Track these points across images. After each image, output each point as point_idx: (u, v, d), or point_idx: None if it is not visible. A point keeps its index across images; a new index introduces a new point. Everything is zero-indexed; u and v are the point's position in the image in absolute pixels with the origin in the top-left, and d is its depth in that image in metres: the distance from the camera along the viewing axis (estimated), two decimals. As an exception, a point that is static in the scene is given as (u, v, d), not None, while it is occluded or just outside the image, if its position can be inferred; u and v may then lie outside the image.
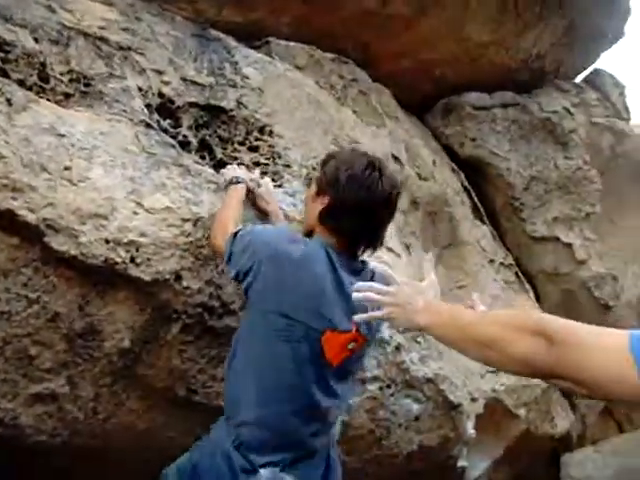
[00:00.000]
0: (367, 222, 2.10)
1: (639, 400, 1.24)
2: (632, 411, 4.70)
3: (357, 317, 1.79)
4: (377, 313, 1.75)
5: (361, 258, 2.15)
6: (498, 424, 3.71)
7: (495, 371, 3.48)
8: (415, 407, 3.04)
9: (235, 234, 2.11)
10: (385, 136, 3.38)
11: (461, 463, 3.46)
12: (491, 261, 3.88)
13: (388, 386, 2.92)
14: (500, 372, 3.54)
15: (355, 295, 1.76)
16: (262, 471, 1.95)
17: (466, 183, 4.06)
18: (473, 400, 3.33)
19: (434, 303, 1.72)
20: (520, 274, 4.14)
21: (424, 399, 3.04)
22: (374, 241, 2.15)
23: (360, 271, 2.11)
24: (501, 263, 3.97)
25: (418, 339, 2.98)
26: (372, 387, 2.87)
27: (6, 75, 2.26)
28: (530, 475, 4.04)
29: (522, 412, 3.71)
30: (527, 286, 4.15)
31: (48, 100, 2.33)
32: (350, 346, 2.04)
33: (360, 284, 1.78)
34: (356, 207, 2.07)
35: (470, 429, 3.30)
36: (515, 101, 4.27)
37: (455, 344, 1.58)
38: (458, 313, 1.64)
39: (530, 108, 4.24)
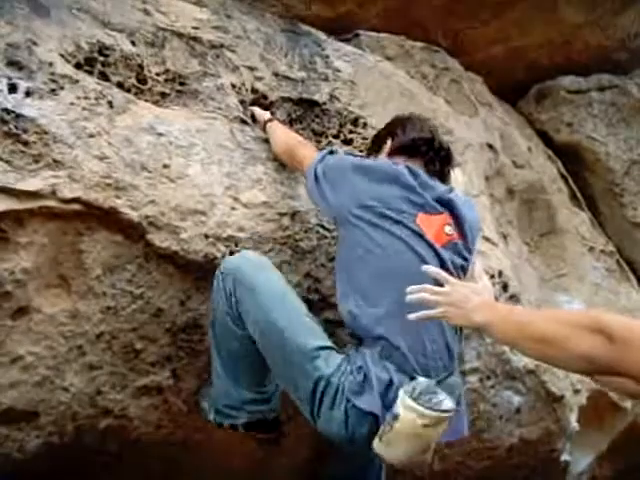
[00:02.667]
0: (428, 158, 2.26)
1: None
2: None
3: (411, 316, 1.77)
4: (432, 312, 1.76)
5: None
6: (602, 417, 3.59)
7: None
8: (516, 399, 2.98)
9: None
10: (479, 124, 3.33)
11: (564, 457, 3.37)
12: (591, 249, 3.76)
13: (488, 377, 2.87)
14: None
15: (409, 297, 1.78)
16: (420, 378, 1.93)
17: (563, 170, 3.94)
18: (576, 392, 3.23)
19: (490, 302, 1.74)
20: (622, 261, 4.00)
21: (525, 391, 2.98)
22: (441, 175, 2.27)
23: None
24: (602, 250, 3.84)
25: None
26: (472, 379, 2.83)
27: (107, 78, 2.33)
28: (638, 471, 3.90)
29: (628, 405, 3.58)
30: (630, 274, 4.01)
31: (146, 101, 2.39)
32: (447, 230, 2.13)
33: (412, 287, 1.79)
34: (415, 139, 2.29)
35: (573, 422, 3.21)
36: (612, 83, 4.11)
37: (513, 342, 1.59)
38: (515, 311, 1.68)
39: (629, 90, 4.07)
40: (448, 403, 1.88)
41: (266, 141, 2.50)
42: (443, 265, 2.06)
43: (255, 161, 2.42)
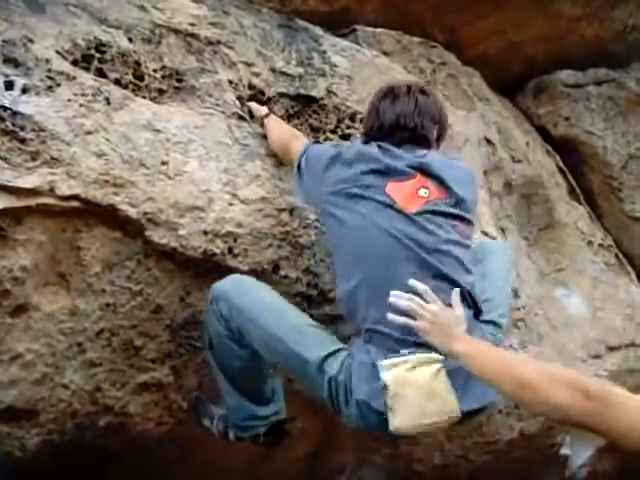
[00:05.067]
0: (404, 126, 2.23)
1: None
2: None
3: (391, 317, 1.80)
4: (413, 322, 1.80)
5: None
6: (602, 411, 3.60)
7: (598, 356, 3.39)
8: (516, 393, 2.98)
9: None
10: (477, 119, 3.32)
11: (564, 451, 3.38)
12: (589, 242, 3.76)
13: (488, 372, 2.87)
14: (603, 357, 3.44)
15: (394, 299, 1.80)
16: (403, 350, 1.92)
17: (561, 164, 3.94)
18: (576, 386, 3.24)
19: (469, 336, 1.79)
20: (620, 255, 4.00)
21: (525, 385, 2.98)
22: (421, 146, 2.23)
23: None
24: (600, 244, 3.84)
25: (518, 324, 2.93)
26: (472, 373, 2.83)
27: (103, 75, 2.33)
28: (638, 465, 3.90)
29: (628, 398, 3.59)
30: (628, 268, 4.01)
31: (143, 97, 2.39)
32: (422, 193, 2.09)
33: (399, 293, 1.80)
34: (389, 113, 2.26)
35: (573, 416, 3.21)
36: (610, 77, 4.11)
37: (491, 377, 1.62)
38: (495, 350, 1.74)
39: (626, 84, 4.06)
40: (432, 353, 1.87)
41: (264, 137, 2.50)
42: (420, 230, 2.04)
43: (253, 157, 2.41)
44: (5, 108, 2.01)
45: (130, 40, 2.43)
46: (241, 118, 2.52)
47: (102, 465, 2.44)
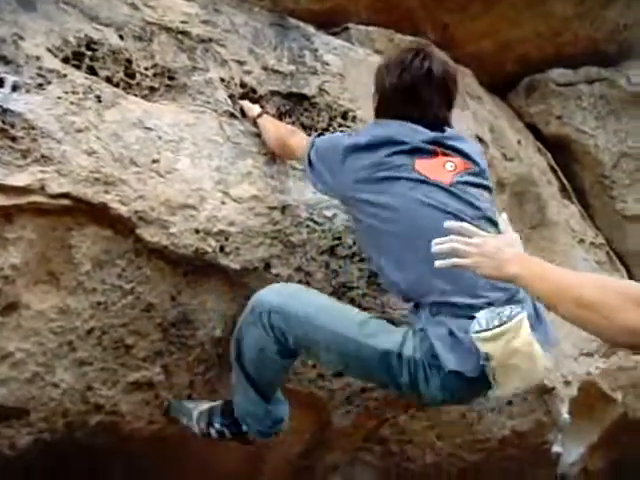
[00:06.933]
0: (417, 102, 2.18)
1: None
2: None
3: (438, 263, 1.76)
4: (461, 261, 1.72)
5: None
6: (593, 408, 3.61)
7: (590, 354, 3.40)
8: (507, 391, 2.99)
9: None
10: (468, 117, 3.32)
11: (556, 449, 3.39)
12: (581, 241, 3.77)
13: (479, 370, 2.88)
14: (595, 355, 3.45)
15: (435, 248, 1.75)
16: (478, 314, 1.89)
17: (552, 162, 3.95)
18: (566, 383, 3.25)
19: (524, 255, 1.68)
20: (612, 254, 4.01)
21: (516, 383, 2.99)
22: (435, 123, 2.20)
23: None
24: (591, 243, 3.86)
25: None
26: (463, 372, 2.84)
27: (94, 73, 2.32)
28: (629, 462, 3.91)
29: (619, 396, 3.60)
30: (619, 266, 4.02)
31: (134, 95, 2.38)
32: (449, 166, 2.11)
33: (440, 239, 1.76)
34: (400, 88, 2.19)
35: (564, 413, 3.22)
36: (601, 76, 4.11)
37: (547, 298, 1.53)
38: (553, 268, 1.60)
39: (618, 82, 4.07)
40: (514, 308, 1.87)
41: (255, 135, 2.49)
42: (458, 200, 2.06)
43: (245, 155, 2.41)
44: (-5, 106, 2.01)
45: (121, 38, 2.42)
46: (232, 116, 2.52)
47: (93, 464, 2.43)
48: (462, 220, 1.94)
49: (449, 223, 1.81)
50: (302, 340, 2.10)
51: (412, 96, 2.19)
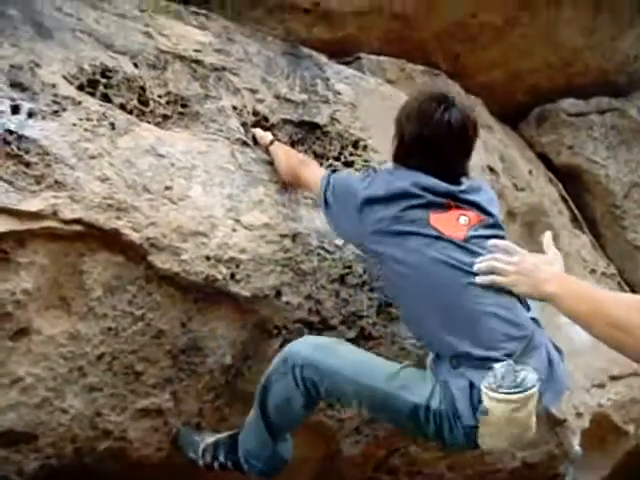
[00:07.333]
0: (435, 156, 2.16)
1: None
2: None
3: (479, 279, 1.78)
4: (499, 279, 1.73)
5: None
6: (605, 440, 3.57)
7: (602, 385, 3.37)
8: (518, 422, 2.96)
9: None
10: (479, 147, 3.30)
11: (567, 481, 3.35)
12: (592, 271, 3.76)
13: (490, 400, 2.85)
14: (607, 387, 3.42)
15: (478, 266, 1.78)
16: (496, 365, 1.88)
17: (564, 192, 3.95)
18: (578, 415, 3.22)
19: (562, 274, 1.69)
20: (623, 284, 3.99)
21: (527, 414, 2.96)
22: (452, 176, 2.18)
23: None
24: (603, 273, 3.84)
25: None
26: (473, 402, 2.82)
27: (109, 100, 2.34)
28: (641, 494, 3.87)
29: (631, 428, 3.56)
30: (631, 297, 4.00)
31: (148, 122, 2.40)
32: (462, 221, 2.10)
33: (482, 257, 1.82)
34: (419, 140, 2.17)
35: (576, 445, 3.19)
36: (612, 106, 4.13)
37: (582, 318, 1.53)
38: (589, 288, 1.62)
39: (629, 112, 4.09)
40: (531, 377, 1.86)
41: (267, 163, 2.50)
42: (472, 255, 2.02)
43: (256, 183, 2.42)
44: (11, 132, 2.03)
45: (135, 66, 2.45)
46: (245, 144, 2.53)
47: (100, 491, 2.42)
48: (474, 276, 1.96)
49: (494, 241, 1.85)
50: (333, 392, 2.13)
51: (431, 150, 2.17)
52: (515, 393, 1.84)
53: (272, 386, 2.18)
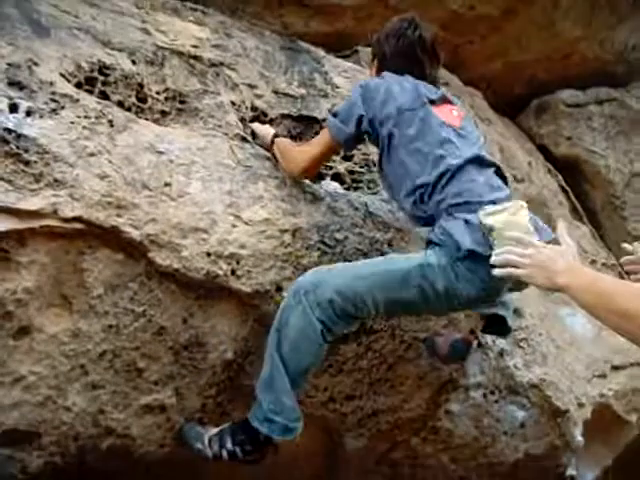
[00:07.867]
0: (417, 64, 2.44)
1: None
2: None
3: (496, 271, 1.82)
4: (516, 271, 1.77)
5: None
6: (607, 431, 3.57)
7: (603, 376, 3.37)
8: (520, 414, 2.96)
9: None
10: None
11: (570, 472, 3.35)
12: (593, 262, 3.76)
13: (492, 392, 2.86)
14: (608, 377, 3.42)
15: (494, 259, 1.82)
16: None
17: (563, 183, 3.95)
18: (580, 406, 3.22)
19: (577, 265, 1.71)
20: (624, 275, 3.99)
21: (529, 405, 2.97)
22: (430, 81, 2.45)
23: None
24: (603, 264, 3.85)
25: (522, 344, 2.92)
26: (476, 394, 2.82)
27: (107, 97, 2.34)
28: (643, 484, 3.87)
29: (633, 418, 3.57)
30: (632, 287, 4.00)
31: (146, 119, 2.40)
32: (455, 113, 2.40)
33: (498, 250, 1.86)
34: (400, 53, 2.44)
35: (578, 436, 3.19)
36: (611, 96, 4.13)
37: (594, 310, 1.56)
38: (602, 279, 1.63)
39: (627, 103, 4.09)
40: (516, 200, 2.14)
41: (266, 158, 2.50)
42: (465, 140, 2.31)
43: (256, 178, 2.42)
44: (9, 130, 2.02)
45: (133, 62, 2.45)
46: (243, 139, 2.53)
47: (104, 488, 2.43)
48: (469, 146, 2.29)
49: (511, 234, 1.89)
50: (346, 299, 2.14)
51: (412, 58, 2.44)
52: (507, 202, 2.11)
53: (287, 323, 2.16)
